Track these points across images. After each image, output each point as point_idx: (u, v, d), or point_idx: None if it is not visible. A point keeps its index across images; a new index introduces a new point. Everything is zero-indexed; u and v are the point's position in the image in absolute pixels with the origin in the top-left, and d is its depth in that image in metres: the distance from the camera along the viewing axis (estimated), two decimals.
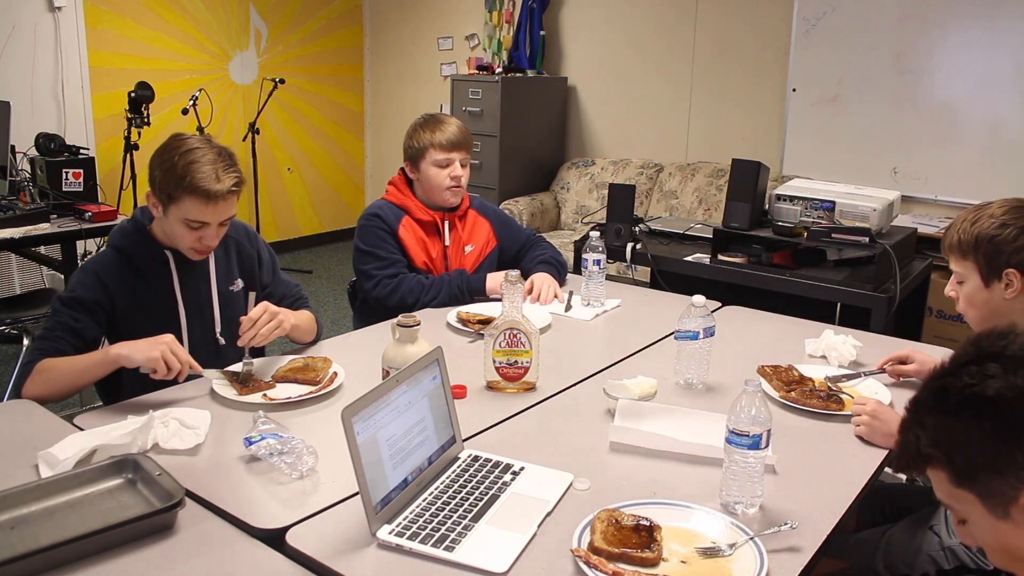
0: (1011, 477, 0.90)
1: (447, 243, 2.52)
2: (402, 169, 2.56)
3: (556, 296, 2.45)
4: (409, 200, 2.50)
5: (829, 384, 1.84)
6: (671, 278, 3.04)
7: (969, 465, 0.93)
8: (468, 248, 2.57)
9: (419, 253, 2.47)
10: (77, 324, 1.82)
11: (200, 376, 1.79)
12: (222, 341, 2.03)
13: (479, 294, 2.42)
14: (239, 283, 2.07)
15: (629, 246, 3.18)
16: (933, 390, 0.96)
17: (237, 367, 1.86)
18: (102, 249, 2.00)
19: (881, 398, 1.76)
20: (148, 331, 1.77)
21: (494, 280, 2.42)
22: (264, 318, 1.87)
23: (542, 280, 2.47)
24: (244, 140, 5.53)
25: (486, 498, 1.35)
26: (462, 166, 2.47)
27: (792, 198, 2.98)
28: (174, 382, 1.76)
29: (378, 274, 2.39)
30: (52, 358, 1.77)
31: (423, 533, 1.24)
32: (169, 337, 1.72)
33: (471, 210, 2.61)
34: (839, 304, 2.96)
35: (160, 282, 1.94)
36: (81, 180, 3.65)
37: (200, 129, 4.98)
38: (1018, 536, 0.93)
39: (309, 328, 2.10)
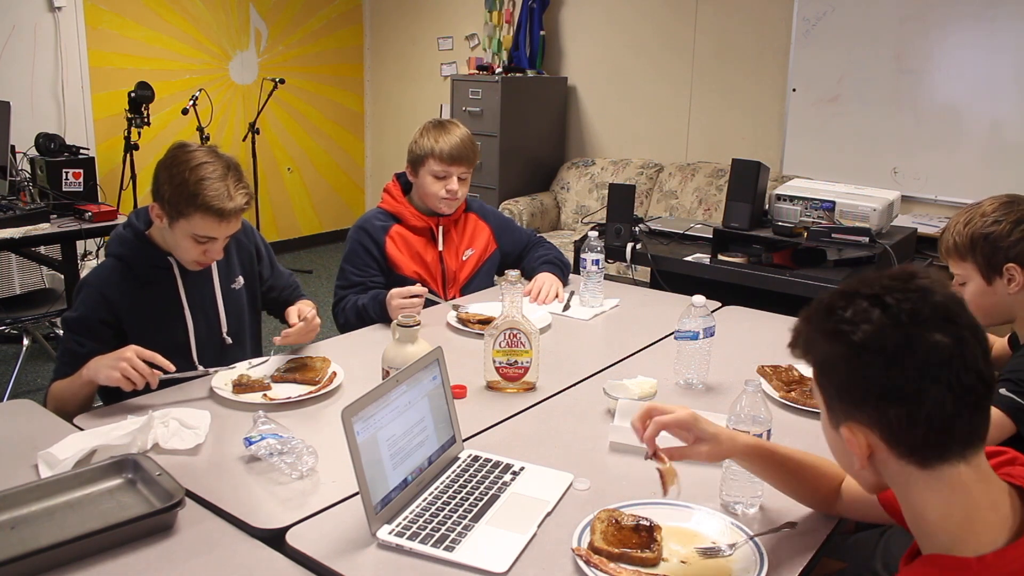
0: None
1: (441, 248, 2.52)
2: (396, 175, 2.55)
3: (557, 296, 2.45)
4: (403, 207, 2.49)
5: None
6: (671, 278, 3.04)
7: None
8: (468, 253, 2.56)
9: (408, 263, 2.46)
10: (81, 349, 1.81)
11: (179, 380, 1.77)
12: (228, 340, 2.03)
13: (384, 312, 2.24)
14: (240, 280, 2.07)
15: (629, 246, 3.17)
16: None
17: (242, 365, 1.87)
18: (102, 260, 1.97)
19: None
20: (156, 336, 1.78)
21: (392, 296, 2.21)
22: (311, 316, 1.99)
23: (543, 280, 2.47)
24: (244, 140, 5.53)
25: (486, 498, 1.35)
26: (460, 180, 2.42)
27: (792, 198, 2.98)
28: (168, 384, 1.75)
29: (339, 293, 2.44)
30: (60, 381, 1.79)
31: (423, 533, 1.24)
32: (131, 350, 1.67)
33: (471, 214, 2.60)
34: None
35: (164, 288, 1.93)
36: (81, 180, 3.65)
37: (200, 129, 4.98)
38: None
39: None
